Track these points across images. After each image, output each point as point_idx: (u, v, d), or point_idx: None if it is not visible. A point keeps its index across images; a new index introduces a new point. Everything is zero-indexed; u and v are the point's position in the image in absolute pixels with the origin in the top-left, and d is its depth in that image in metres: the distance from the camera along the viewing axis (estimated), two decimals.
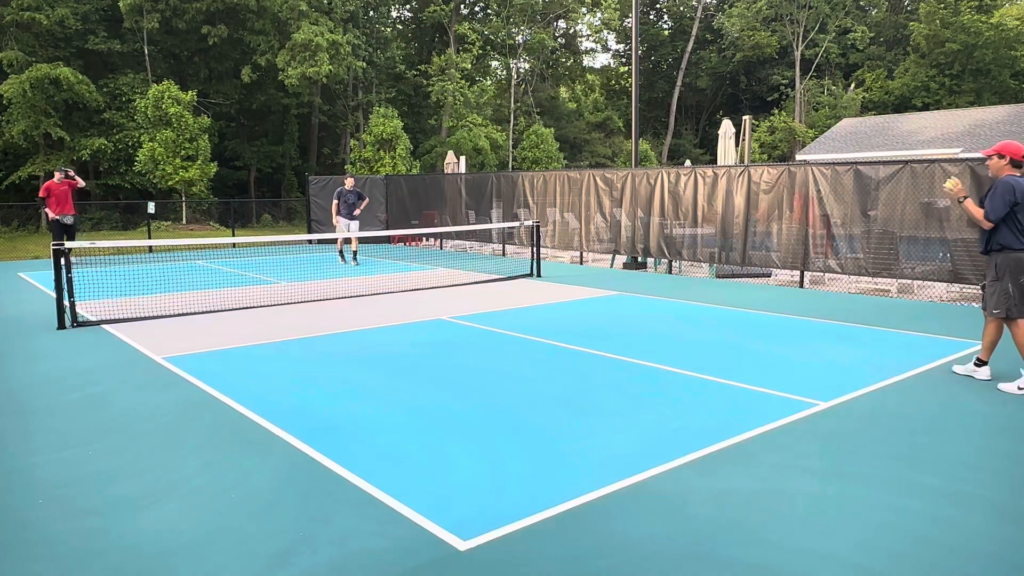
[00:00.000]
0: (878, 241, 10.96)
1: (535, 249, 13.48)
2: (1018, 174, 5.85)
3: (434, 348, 7.43)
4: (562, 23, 43.42)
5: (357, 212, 15.03)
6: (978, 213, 5.88)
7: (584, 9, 41.55)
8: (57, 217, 14.36)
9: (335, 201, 14.98)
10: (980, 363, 6.14)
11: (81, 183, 14.66)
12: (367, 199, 15.55)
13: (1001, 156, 5.86)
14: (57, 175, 14.52)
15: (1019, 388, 5.74)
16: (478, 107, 35.66)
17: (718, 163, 16.16)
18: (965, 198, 6.04)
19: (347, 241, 15.78)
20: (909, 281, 11.00)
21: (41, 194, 14.39)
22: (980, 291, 6.54)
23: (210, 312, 9.53)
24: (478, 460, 4.39)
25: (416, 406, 5.46)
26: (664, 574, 3.12)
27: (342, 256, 15.70)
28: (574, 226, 15.88)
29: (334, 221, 15.11)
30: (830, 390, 5.76)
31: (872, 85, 40.78)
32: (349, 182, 15.15)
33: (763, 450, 4.52)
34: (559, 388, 5.92)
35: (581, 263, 15.68)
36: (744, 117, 18.65)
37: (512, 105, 37.70)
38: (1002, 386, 5.84)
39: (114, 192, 28.19)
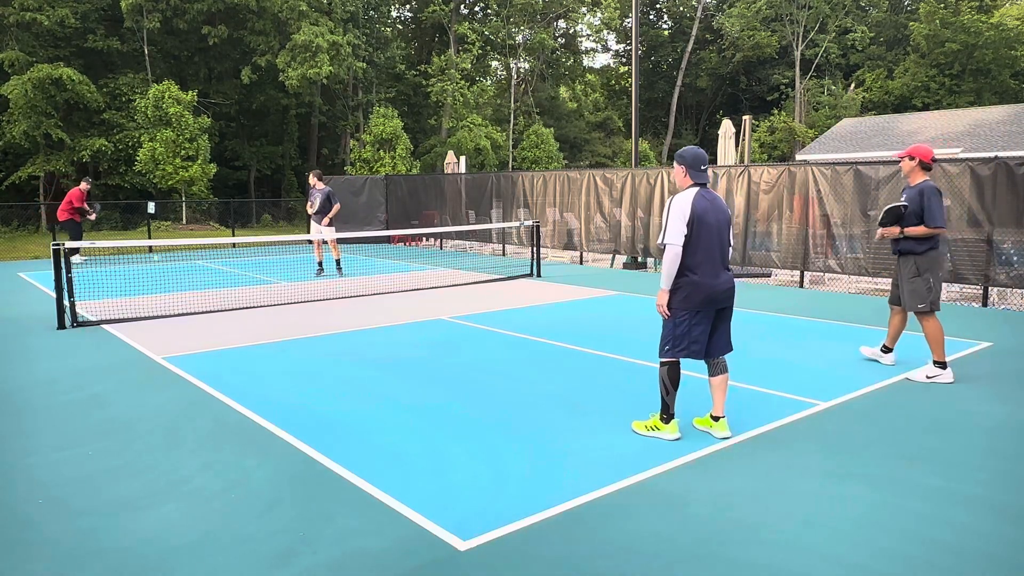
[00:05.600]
0: (878, 241, 10.94)
1: (535, 249, 13.47)
2: (927, 177, 6.10)
3: (434, 348, 7.42)
4: (562, 23, 43.40)
5: (325, 221, 12.81)
6: (919, 230, 5.96)
7: (584, 9, 41.54)
8: (85, 218, 14.93)
9: (308, 200, 13.21)
10: (886, 350, 6.54)
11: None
12: (337, 204, 12.99)
13: (912, 158, 6.11)
14: (84, 184, 15.08)
15: (927, 376, 6.03)
16: (478, 107, 35.65)
17: (718, 163, 16.16)
18: (902, 231, 6.06)
19: (325, 243, 13.65)
20: None
21: (76, 204, 14.69)
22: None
23: (210, 312, 9.53)
24: (478, 460, 4.39)
25: (416, 406, 5.46)
26: (665, 574, 3.12)
27: (320, 267, 13.56)
28: (574, 226, 15.88)
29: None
30: (830, 390, 5.76)
31: (872, 85, 40.76)
32: (313, 179, 13.09)
33: (763, 450, 4.52)
34: (559, 388, 5.92)
35: (581, 263, 15.68)
36: (744, 117, 18.66)
37: (512, 105, 37.68)
38: (910, 375, 6.15)
39: (114, 192, 28.17)
